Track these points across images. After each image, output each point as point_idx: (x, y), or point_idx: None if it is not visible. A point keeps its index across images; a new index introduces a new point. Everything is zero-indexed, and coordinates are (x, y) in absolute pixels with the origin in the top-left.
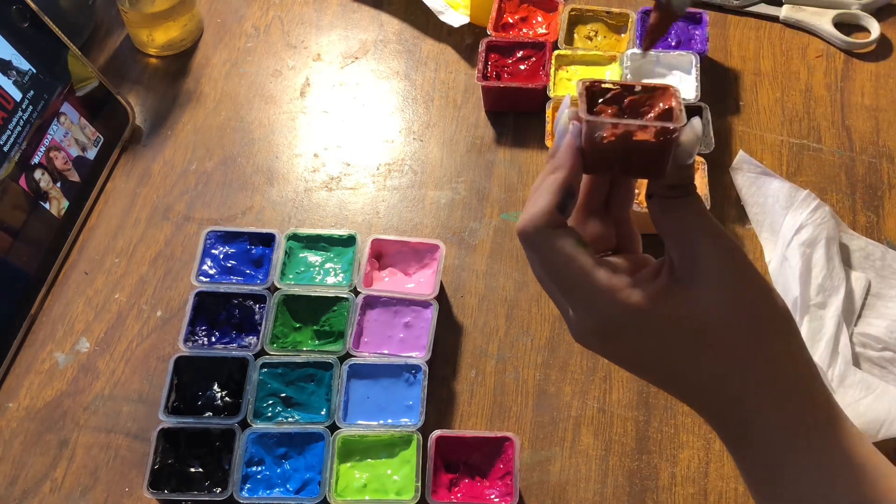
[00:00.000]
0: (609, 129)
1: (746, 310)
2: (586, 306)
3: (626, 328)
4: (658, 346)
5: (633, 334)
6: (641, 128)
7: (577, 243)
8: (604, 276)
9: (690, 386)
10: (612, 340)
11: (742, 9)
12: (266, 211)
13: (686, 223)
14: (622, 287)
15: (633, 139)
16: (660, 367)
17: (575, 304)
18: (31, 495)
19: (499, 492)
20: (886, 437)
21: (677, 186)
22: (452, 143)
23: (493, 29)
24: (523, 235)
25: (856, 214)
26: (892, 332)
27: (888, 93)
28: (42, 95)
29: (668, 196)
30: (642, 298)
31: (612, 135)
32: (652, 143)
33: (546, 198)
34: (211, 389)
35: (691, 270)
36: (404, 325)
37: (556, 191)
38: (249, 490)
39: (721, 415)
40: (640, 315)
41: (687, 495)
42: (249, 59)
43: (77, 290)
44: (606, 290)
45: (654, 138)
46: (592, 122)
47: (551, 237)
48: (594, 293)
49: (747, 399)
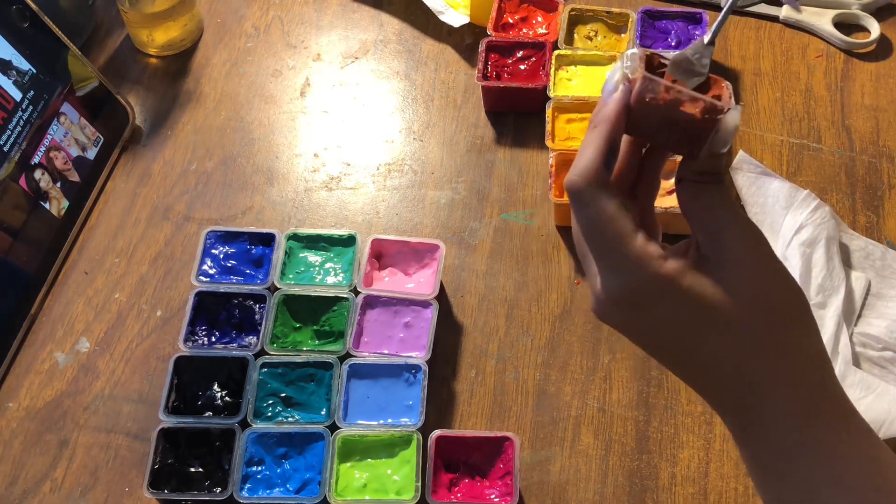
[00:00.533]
0: (662, 91)
1: (767, 297)
2: (618, 271)
3: (651, 297)
4: (679, 321)
5: (656, 305)
6: (692, 99)
7: (620, 205)
8: (640, 242)
9: (703, 366)
10: (634, 310)
11: (742, 9)
12: (266, 211)
13: (713, 210)
14: (655, 256)
15: (680, 108)
16: (676, 344)
17: (606, 268)
18: (31, 495)
19: (499, 492)
20: (886, 436)
21: (708, 173)
22: (452, 143)
23: (493, 29)
24: (571, 188)
25: (856, 214)
26: (892, 332)
27: (888, 93)
28: (42, 95)
29: (697, 181)
30: (671, 270)
31: (662, 99)
32: (696, 118)
33: (593, 151)
34: (211, 389)
35: (717, 254)
36: (404, 324)
37: (601, 143)
38: (249, 490)
39: (731, 400)
40: (666, 285)
41: (687, 495)
42: (249, 59)
43: (77, 290)
44: (640, 256)
45: (699, 114)
46: (649, 79)
47: (597, 194)
48: (627, 258)
49: (760, 385)
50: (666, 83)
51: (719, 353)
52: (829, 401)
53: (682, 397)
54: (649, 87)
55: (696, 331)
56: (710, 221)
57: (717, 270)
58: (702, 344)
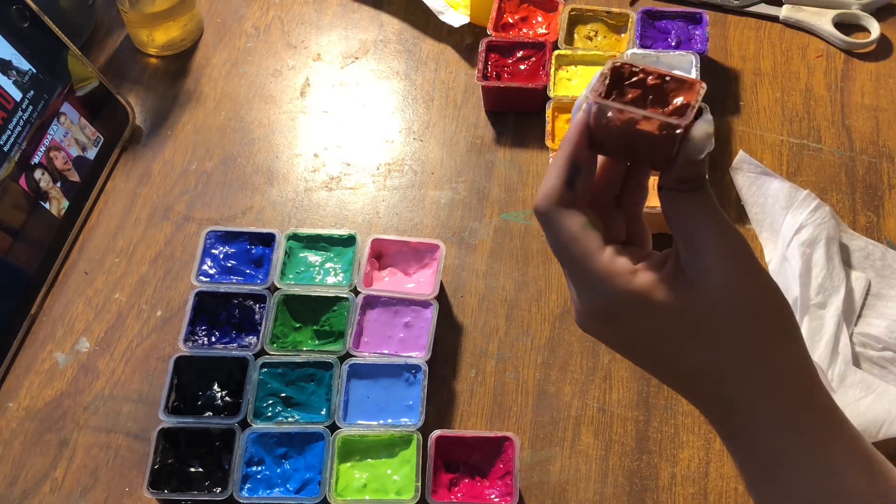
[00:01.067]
0: (616, 113)
1: (749, 306)
2: (588, 287)
3: (626, 312)
4: (657, 335)
5: (632, 319)
6: (646, 118)
7: (585, 224)
8: (607, 258)
9: (688, 378)
10: (611, 324)
11: (742, 9)
12: (266, 211)
13: (694, 217)
14: (624, 271)
15: (637, 128)
16: (658, 357)
17: (578, 285)
18: (31, 495)
19: (499, 492)
20: (886, 436)
21: (687, 180)
22: (452, 143)
23: (493, 29)
24: (535, 211)
25: (856, 214)
26: (892, 332)
27: (888, 93)
28: (42, 95)
29: (677, 189)
30: (643, 284)
31: (618, 119)
32: (655, 134)
33: (553, 174)
34: (211, 389)
35: (697, 264)
36: (404, 324)
37: (562, 165)
38: (249, 490)
39: (719, 409)
40: (639, 300)
41: (687, 495)
42: (249, 59)
43: (77, 290)
44: (608, 272)
45: (657, 131)
46: (599, 103)
47: (560, 215)
48: (596, 274)
49: (745, 394)
50: (615, 105)
51: (699, 364)
52: (814, 408)
53: (681, 397)
54: (602, 110)
55: (673, 343)
56: (689, 228)
57: (697, 280)
58: (681, 355)
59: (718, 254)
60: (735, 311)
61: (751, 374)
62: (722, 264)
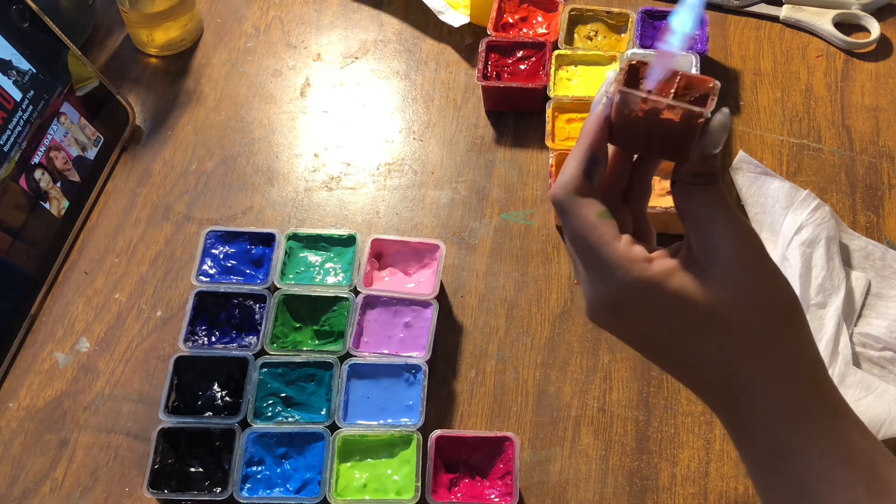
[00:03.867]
0: (639, 103)
1: (758, 297)
2: (604, 276)
3: (640, 300)
4: (667, 323)
5: (645, 307)
6: (669, 107)
7: (601, 213)
8: (624, 246)
9: (695, 367)
10: (624, 313)
11: (742, 9)
12: (266, 211)
13: (707, 210)
14: (641, 258)
15: (660, 117)
16: (669, 346)
17: (592, 273)
18: (31, 495)
19: (499, 492)
20: (886, 436)
21: (700, 174)
22: (452, 143)
23: (493, 29)
24: (553, 200)
25: (856, 214)
26: (892, 332)
27: (888, 93)
28: (42, 95)
29: (690, 183)
30: (660, 271)
31: (641, 110)
32: (676, 124)
33: (572, 164)
34: (211, 389)
35: (708, 255)
36: (404, 324)
37: (580, 156)
38: (249, 490)
39: (725, 399)
40: (653, 287)
41: (687, 495)
42: (249, 59)
43: (77, 290)
44: (625, 259)
45: (679, 120)
46: (625, 93)
47: (578, 204)
48: (613, 262)
49: (752, 384)
50: (642, 94)
51: (709, 353)
52: (822, 399)
53: (682, 397)
54: (626, 100)
55: (684, 332)
56: (702, 221)
57: (707, 271)
58: (691, 345)
59: (732, 246)
60: (748, 301)
61: (759, 363)
62: (735, 256)
